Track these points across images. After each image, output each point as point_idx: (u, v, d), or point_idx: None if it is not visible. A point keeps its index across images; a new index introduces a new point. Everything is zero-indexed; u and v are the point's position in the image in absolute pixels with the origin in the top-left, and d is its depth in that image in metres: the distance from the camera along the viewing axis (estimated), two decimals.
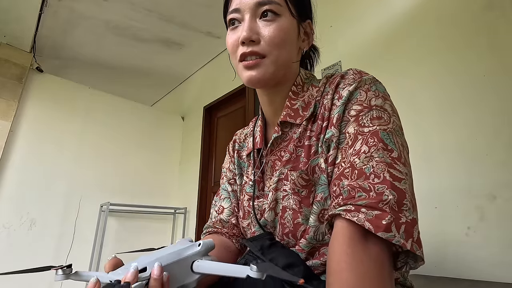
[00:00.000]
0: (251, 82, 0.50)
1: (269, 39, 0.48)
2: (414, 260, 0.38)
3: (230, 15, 0.51)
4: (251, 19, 0.49)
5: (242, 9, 0.50)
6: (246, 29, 0.48)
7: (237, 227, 0.62)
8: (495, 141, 1.12)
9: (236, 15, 0.51)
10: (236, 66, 0.52)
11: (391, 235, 0.34)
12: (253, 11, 0.49)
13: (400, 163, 0.39)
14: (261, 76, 0.49)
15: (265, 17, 0.49)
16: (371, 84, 0.46)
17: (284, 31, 0.49)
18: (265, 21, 0.49)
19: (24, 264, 2.18)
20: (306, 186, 0.47)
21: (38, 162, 2.40)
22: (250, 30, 0.48)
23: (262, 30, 0.49)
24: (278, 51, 0.49)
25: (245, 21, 0.49)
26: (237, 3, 0.51)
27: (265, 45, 0.48)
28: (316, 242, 0.46)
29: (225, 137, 2.86)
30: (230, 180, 0.66)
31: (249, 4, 0.49)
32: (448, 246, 1.16)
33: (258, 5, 0.49)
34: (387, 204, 0.35)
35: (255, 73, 0.49)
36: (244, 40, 0.48)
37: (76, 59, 3.13)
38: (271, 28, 0.48)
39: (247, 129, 0.70)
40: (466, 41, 1.28)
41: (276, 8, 0.49)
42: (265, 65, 0.49)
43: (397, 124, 0.44)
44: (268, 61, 0.49)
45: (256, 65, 0.48)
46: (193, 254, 0.39)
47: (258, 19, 0.49)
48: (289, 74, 0.54)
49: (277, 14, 0.49)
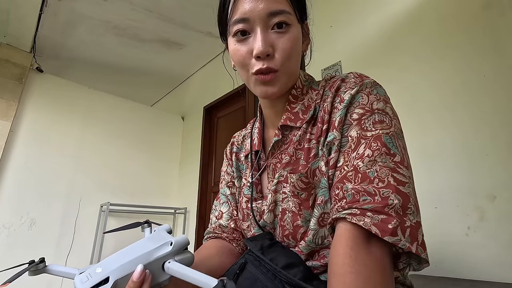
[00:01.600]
0: (267, 97, 0.51)
1: (283, 52, 0.47)
2: (418, 262, 0.38)
3: (238, 25, 0.48)
4: (264, 31, 0.47)
5: (252, 20, 0.47)
6: (261, 42, 0.46)
7: (237, 231, 0.62)
8: (495, 141, 1.12)
9: (245, 26, 0.47)
10: (247, 78, 0.51)
11: (397, 239, 0.34)
12: (265, 22, 0.46)
13: (403, 167, 0.40)
14: (277, 90, 0.49)
15: (279, 29, 0.47)
16: (372, 88, 0.46)
17: (295, 42, 0.48)
18: (278, 33, 0.47)
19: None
20: (305, 189, 0.47)
21: (38, 162, 2.40)
22: (266, 43, 0.46)
23: (275, 42, 0.47)
24: (290, 62, 0.49)
25: (258, 34, 0.46)
26: (244, 12, 0.47)
27: (279, 58, 0.47)
28: (315, 246, 0.46)
29: (225, 137, 2.86)
30: (228, 183, 0.66)
31: (260, 14, 0.46)
32: (448, 246, 1.16)
33: (270, 15, 0.46)
34: (393, 208, 0.36)
35: (272, 88, 0.49)
36: (260, 55, 0.46)
37: (76, 59, 3.13)
38: (284, 40, 0.47)
39: (245, 131, 0.70)
40: (466, 41, 1.28)
41: (288, 18, 0.47)
42: (280, 79, 0.49)
43: (398, 127, 0.44)
44: (282, 74, 0.48)
45: (272, 80, 0.48)
46: (164, 255, 0.38)
47: (270, 30, 0.47)
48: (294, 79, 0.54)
49: (289, 24, 0.47)
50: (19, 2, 2.17)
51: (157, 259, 0.37)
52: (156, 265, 0.38)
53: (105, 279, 0.34)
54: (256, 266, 0.43)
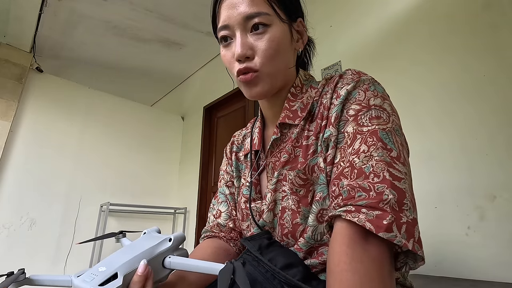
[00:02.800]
0: (252, 97, 0.51)
1: (262, 53, 0.48)
2: (414, 260, 0.38)
3: (221, 32, 0.51)
4: (242, 35, 0.48)
5: (231, 25, 0.49)
6: (239, 46, 0.47)
7: (235, 230, 0.62)
8: (495, 141, 1.12)
9: (226, 32, 0.50)
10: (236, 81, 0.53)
11: (393, 235, 0.34)
12: (243, 26, 0.48)
13: (400, 163, 0.39)
14: (259, 90, 0.50)
15: (256, 30, 0.48)
16: (369, 84, 0.46)
17: (276, 41, 0.48)
18: (256, 35, 0.48)
19: (24, 264, 2.18)
20: (303, 185, 0.47)
21: (38, 162, 2.40)
22: (243, 47, 0.48)
23: (254, 44, 0.48)
24: (272, 62, 0.49)
25: (237, 38, 0.48)
26: (224, 20, 0.50)
27: (258, 59, 0.48)
28: (314, 242, 0.46)
29: (225, 137, 2.86)
30: (227, 182, 0.66)
31: (237, 19, 0.48)
32: (448, 246, 1.16)
33: (247, 19, 0.48)
34: (388, 203, 0.35)
35: (254, 88, 0.50)
36: (239, 58, 0.48)
37: (76, 59, 3.13)
38: (263, 41, 0.48)
39: (245, 130, 0.70)
40: (466, 41, 1.28)
41: (265, 19, 0.48)
42: (262, 80, 0.49)
43: (396, 124, 0.43)
44: (264, 74, 0.49)
45: (253, 80, 0.49)
46: (164, 251, 0.39)
47: (249, 33, 0.49)
48: (288, 78, 0.54)
49: (267, 25, 0.48)
50: (19, 2, 2.17)
51: (158, 255, 0.38)
52: (157, 262, 0.38)
53: (113, 275, 0.34)
54: (254, 266, 0.43)
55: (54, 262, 2.31)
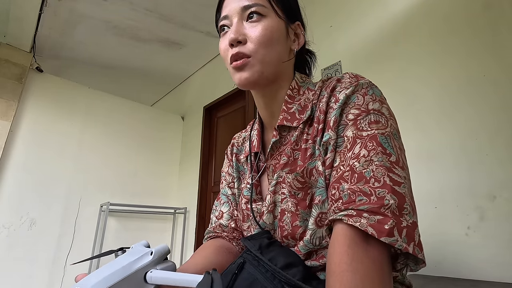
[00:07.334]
0: (241, 83, 0.51)
1: (254, 38, 0.50)
2: (415, 262, 0.38)
3: (221, 22, 0.54)
4: (238, 22, 0.51)
5: (230, 15, 0.52)
6: (233, 31, 0.50)
7: (237, 230, 0.62)
8: (495, 140, 1.12)
9: (225, 22, 0.53)
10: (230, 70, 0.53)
11: (394, 240, 0.34)
12: (240, 15, 0.52)
13: (399, 167, 0.40)
14: (249, 76, 0.50)
15: (251, 19, 0.51)
16: (368, 88, 0.46)
17: (269, 30, 0.50)
18: (251, 23, 0.51)
19: (24, 264, 2.18)
20: (301, 188, 0.47)
21: (38, 162, 2.40)
22: (237, 31, 0.50)
23: (248, 31, 0.50)
24: (264, 50, 0.50)
25: (233, 25, 0.52)
26: (225, 11, 0.53)
27: (251, 44, 0.50)
28: (313, 247, 0.46)
29: (225, 137, 2.86)
30: (229, 184, 0.67)
31: (236, 9, 0.52)
32: (448, 246, 1.16)
33: (244, 9, 0.51)
34: (389, 208, 0.36)
35: (244, 73, 0.50)
36: (231, 42, 0.50)
37: (76, 59, 3.13)
38: (256, 28, 0.50)
39: (245, 132, 0.71)
40: (466, 40, 1.28)
41: (261, 10, 0.51)
42: (252, 65, 0.50)
43: (394, 128, 0.44)
44: (255, 60, 0.49)
45: (244, 65, 0.50)
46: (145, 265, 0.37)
47: (245, 22, 0.52)
48: (281, 74, 0.54)
49: (262, 15, 0.51)
50: (19, 2, 2.17)
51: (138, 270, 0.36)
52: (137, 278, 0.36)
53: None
54: (254, 266, 0.43)
55: (54, 262, 2.31)
